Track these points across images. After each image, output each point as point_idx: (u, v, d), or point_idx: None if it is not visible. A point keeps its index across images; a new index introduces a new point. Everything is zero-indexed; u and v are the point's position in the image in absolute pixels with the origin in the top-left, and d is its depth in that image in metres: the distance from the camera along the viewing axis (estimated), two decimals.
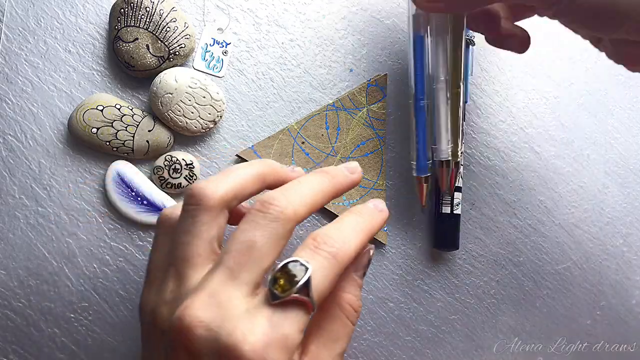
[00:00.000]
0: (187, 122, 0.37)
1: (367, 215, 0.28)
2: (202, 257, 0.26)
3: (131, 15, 0.37)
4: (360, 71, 0.41)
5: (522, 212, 0.42)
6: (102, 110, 0.36)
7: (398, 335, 0.39)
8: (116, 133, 0.36)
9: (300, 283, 0.23)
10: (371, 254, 0.29)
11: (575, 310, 0.42)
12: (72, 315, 0.36)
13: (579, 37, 0.40)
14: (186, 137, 0.38)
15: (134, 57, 0.37)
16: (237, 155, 0.38)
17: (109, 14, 0.37)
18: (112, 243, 0.37)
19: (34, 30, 0.37)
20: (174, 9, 0.37)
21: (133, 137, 0.37)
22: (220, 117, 0.38)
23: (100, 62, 0.38)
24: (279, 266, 0.24)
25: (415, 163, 0.38)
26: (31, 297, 0.36)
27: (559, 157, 0.43)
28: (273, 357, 0.22)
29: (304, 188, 0.27)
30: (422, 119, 0.37)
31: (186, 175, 0.37)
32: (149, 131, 0.37)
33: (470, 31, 0.39)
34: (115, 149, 0.37)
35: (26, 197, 0.37)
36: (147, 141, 0.37)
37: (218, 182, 0.27)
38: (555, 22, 0.44)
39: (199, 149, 0.39)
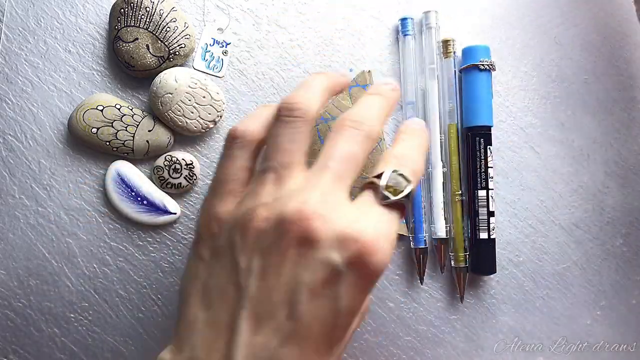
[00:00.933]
0: (187, 122, 0.37)
1: (388, 98, 0.31)
2: (302, 165, 0.27)
3: (131, 15, 0.37)
4: (360, 71, 0.40)
5: (522, 212, 0.42)
6: (102, 110, 0.36)
7: (398, 335, 0.39)
8: (116, 133, 0.37)
9: (407, 190, 0.27)
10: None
11: (575, 310, 0.42)
12: (72, 315, 0.36)
13: (578, 37, 0.40)
14: (186, 137, 0.38)
15: (134, 57, 0.37)
16: None
17: (109, 14, 0.37)
18: (112, 243, 0.37)
19: (34, 30, 0.37)
20: (174, 9, 0.37)
21: (133, 137, 0.37)
22: (220, 117, 0.38)
23: (100, 62, 0.38)
24: (387, 175, 0.27)
25: (412, 235, 0.40)
26: (31, 297, 0.36)
27: (559, 157, 0.43)
28: (386, 247, 0.25)
29: (374, 107, 0.30)
30: (419, 194, 0.40)
31: (186, 175, 0.37)
32: (149, 131, 0.37)
33: (490, 58, 0.40)
34: (115, 149, 0.37)
35: (26, 197, 0.37)
36: (147, 141, 0.37)
37: (312, 94, 0.29)
38: (556, 21, 0.44)
39: (199, 149, 0.39)
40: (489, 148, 0.40)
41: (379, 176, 0.27)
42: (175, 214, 0.37)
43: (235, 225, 0.26)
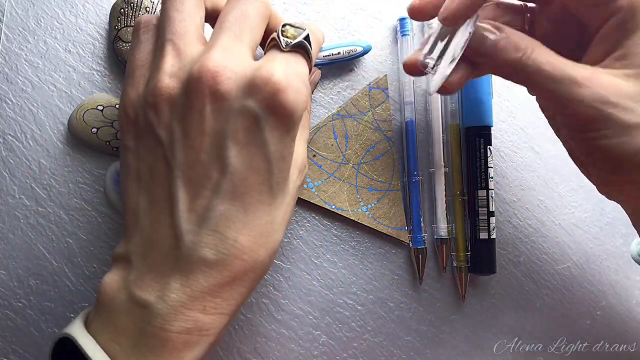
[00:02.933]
0: None
1: (318, 29, 0.32)
2: (196, 35, 0.27)
3: (131, 15, 0.37)
4: (360, 71, 0.41)
5: (522, 212, 0.42)
6: (102, 110, 0.36)
7: (398, 335, 0.39)
8: (116, 133, 0.37)
9: (304, 34, 0.28)
10: (319, 76, 0.37)
11: (575, 310, 0.42)
12: (72, 315, 0.36)
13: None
14: None
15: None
16: None
17: (109, 14, 0.37)
18: (112, 243, 0.37)
19: (34, 30, 0.37)
20: None
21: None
22: None
23: (100, 62, 0.38)
24: (282, 24, 0.28)
25: (410, 235, 0.40)
26: (31, 297, 0.36)
27: (559, 157, 0.43)
28: (298, 84, 0.25)
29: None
30: (417, 195, 0.40)
31: None
32: None
33: None
34: (115, 149, 0.37)
35: (26, 197, 0.37)
36: None
37: None
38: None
39: None
40: (489, 148, 0.40)
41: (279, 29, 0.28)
42: None
43: (147, 103, 0.26)
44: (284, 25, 0.28)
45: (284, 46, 0.27)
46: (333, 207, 0.39)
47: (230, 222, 0.25)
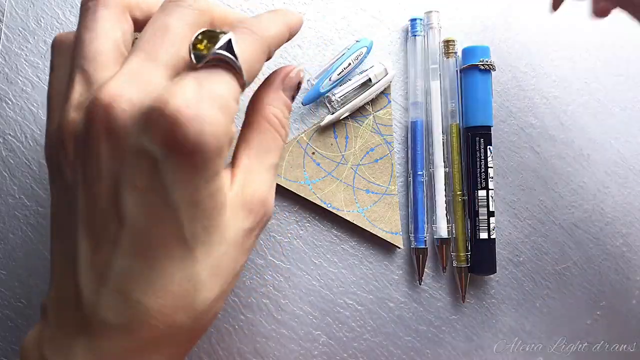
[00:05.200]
0: None
1: (282, 12, 0.27)
2: (110, 56, 0.23)
3: None
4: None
5: (522, 212, 0.42)
6: None
7: (398, 335, 0.39)
8: None
9: (223, 40, 0.22)
10: (301, 75, 0.28)
11: (575, 310, 0.42)
12: None
13: (578, 36, 0.40)
14: None
15: None
16: None
17: None
18: None
19: (34, 30, 0.37)
20: None
21: None
22: None
23: None
24: (196, 33, 0.22)
25: (413, 235, 0.40)
26: (31, 297, 0.36)
27: (559, 157, 0.43)
28: (208, 112, 0.20)
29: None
30: (421, 194, 0.40)
31: None
32: None
33: (490, 58, 0.40)
34: None
35: (26, 197, 0.37)
36: None
37: None
38: (555, 21, 0.44)
39: None
40: (489, 148, 0.40)
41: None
42: None
43: (56, 140, 0.23)
44: (198, 34, 0.22)
45: (194, 61, 0.22)
46: (329, 205, 0.39)
47: (133, 281, 0.21)
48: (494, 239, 0.40)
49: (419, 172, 0.40)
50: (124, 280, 0.21)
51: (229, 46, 0.22)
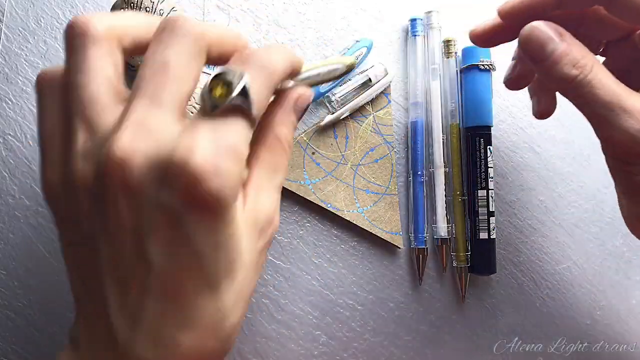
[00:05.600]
0: None
1: (287, 50, 0.26)
2: (108, 97, 0.23)
3: None
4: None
5: (522, 212, 0.42)
6: None
7: (398, 335, 0.39)
8: None
9: (239, 87, 0.21)
10: (310, 99, 0.28)
11: (575, 310, 0.42)
12: (72, 315, 0.36)
13: (578, 36, 0.40)
14: None
15: (134, 57, 0.37)
16: None
17: None
18: None
19: (34, 30, 0.37)
20: (174, 9, 0.37)
21: None
22: None
23: None
24: (212, 76, 0.22)
25: (413, 235, 0.40)
26: (31, 297, 0.36)
27: (559, 157, 0.43)
28: (225, 166, 0.20)
29: (218, 28, 0.25)
30: (421, 194, 0.40)
31: None
32: None
33: (490, 58, 0.41)
34: None
35: (26, 197, 0.37)
36: None
37: (104, 14, 0.24)
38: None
39: None
40: (489, 148, 0.40)
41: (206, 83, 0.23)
42: None
43: (67, 191, 0.23)
44: (213, 77, 0.22)
45: (209, 109, 0.21)
46: (329, 205, 0.39)
47: (166, 320, 0.22)
48: (494, 239, 0.40)
49: (419, 172, 0.40)
50: (157, 320, 0.22)
51: (244, 91, 0.22)
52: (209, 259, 0.22)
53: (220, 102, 0.21)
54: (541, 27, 0.28)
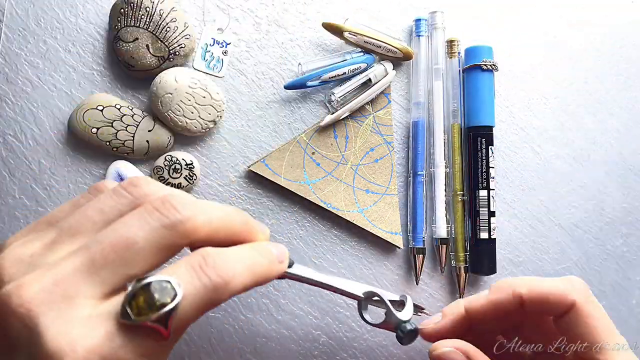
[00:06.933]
0: (187, 122, 0.37)
1: (267, 261, 0.25)
2: (87, 237, 0.22)
3: (131, 15, 0.37)
4: None
5: (522, 212, 0.42)
6: (102, 110, 0.36)
7: None
8: (116, 133, 0.36)
9: (162, 312, 0.20)
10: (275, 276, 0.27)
11: None
12: None
13: (578, 36, 0.40)
14: (186, 137, 0.38)
15: (134, 57, 0.37)
16: (248, 169, 0.38)
17: (109, 14, 0.37)
18: None
19: (34, 30, 0.37)
20: (174, 9, 0.37)
21: (133, 137, 0.37)
22: (220, 117, 0.38)
23: (100, 62, 0.38)
24: (144, 282, 0.20)
25: (411, 234, 0.40)
26: None
27: (559, 157, 0.43)
28: None
29: (218, 211, 0.23)
30: (421, 194, 0.40)
31: (186, 176, 0.37)
32: (149, 131, 0.37)
33: (493, 58, 0.41)
34: (115, 149, 0.37)
35: (26, 197, 0.37)
36: (147, 141, 0.37)
37: (160, 189, 0.23)
38: (555, 21, 0.44)
39: (199, 149, 0.39)
40: (491, 148, 0.40)
41: (140, 279, 0.20)
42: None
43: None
44: (143, 285, 0.20)
45: (120, 317, 0.20)
46: (329, 205, 0.39)
47: None
48: (494, 239, 0.40)
49: (419, 172, 0.40)
50: None
51: (166, 315, 0.20)
52: None
53: (135, 319, 0.20)
54: (452, 355, 0.30)
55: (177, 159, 0.37)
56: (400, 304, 0.33)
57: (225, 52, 0.39)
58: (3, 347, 0.20)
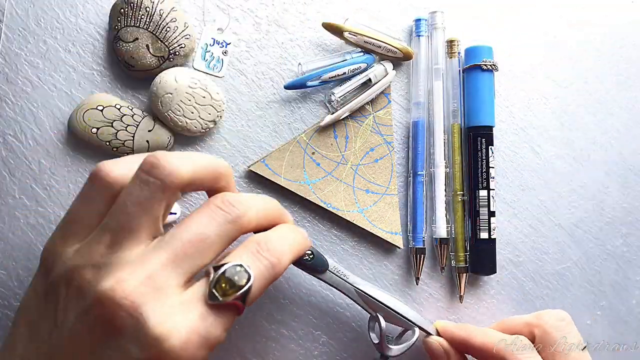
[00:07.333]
0: (187, 122, 0.37)
1: (302, 238, 0.31)
2: (146, 233, 0.25)
3: (131, 15, 0.37)
4: None
5: (522, 212, 0.42)
6: (102, 110, 0.36)
7: None
8: (116, 133, 0.36)
9: (243, 290, 0.25)
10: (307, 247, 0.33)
11: (575, 310, 0.42)
12: None
13: (578, 36, 0.40)
14: (186, 137, 0.38)
15: (134, 57, 0.37)
16: (248, 169, 0.38)
17: (109, 14, 0.37)
18: None
19: (34, 30, 0.37)
20: (174, 9, 0.37)
21: (133, 137, 0.37)
22: (220, 117, 0.38)
23: (100, 62, 0.38)
24: (223, 269, 0.25)
25: (411, 234, 0.40)
26: None
27: (559, 157, 0.43)
28: (197, 355, 0.23)
29: (260, 202, 0.28)
30: (421, 194, 0.40)
31: None
32: (149, 131, 0.37)
33: (493, 58, 0.41)
34: (115, 149, 0.37)
35: (26, 197, 0.37)
36: (147, 141, 0.37)
37: (185, 163, 0.26)
38: (555, 21, 0.44)
39: (199, 149, 0.39)
40: (491, 148, 0.40)
41: (218, 267, 0.25)
42: (175, 214, 0.37)
43: (64, 274, 0.25)
44: (222, 271, 0.25)
45: (209, 300, 0.24)
46: (329, 205, 0.39)
47: None
48: (494, 239, 0.40)
49: (419, 172, 0.40)
50: None
51: (245, 293, 0.25)
52: None
53: (222, 298, 0.24)
54: (434, 346, 0.36)
55: None
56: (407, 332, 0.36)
57: (225, 52, 0.39)
58: (108, 332, 0.23)
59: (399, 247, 0.39)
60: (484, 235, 0.39)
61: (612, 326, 0.43)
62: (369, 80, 0.39)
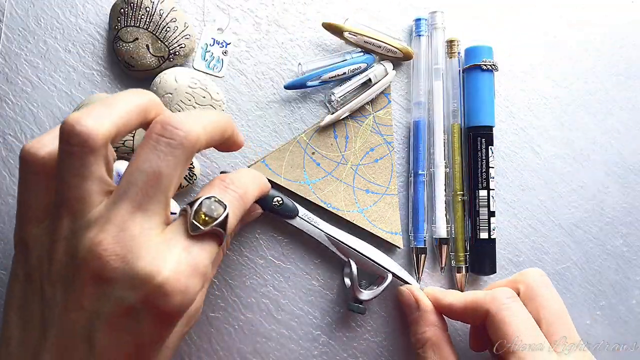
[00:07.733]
0: None
1: (261, 177, 0.33)
2: (97, 193, 0.25)
3: (131, 15, 0.37)
4: None
5: (522, 212, 0.42)
6: None
7: (398, 335, 0.39)
8: None
9: (221, 218, 0.26)
10: (259, 213, 0.36)
11: (575, 310, 0.42)
12: None
13: (578, 36, 0.40)
14: None
15: (134, 57, 0.37)
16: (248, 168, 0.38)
17: (109, 14, 0.37)
18: None
19: (34, 30, 0.37)
20: (174, 9, 0.37)
21: (133, 137, 0.37)
22: None
23: (100, 62, 0.38)
24: (198, 202, 0.25)
25: (413, 234, 0.40)
26: None
27: (559, 157, 0.43)
28: (189, 283, 0.24)
29: (204, 115, 0.28)
30: (421, 194, 0.40)
31: (186, 175, 0.37)
32: None
33: (493, 58, 0.41)
34: (115, 149, 0.37)
35: None
36: None
37: (101, 118, 0.25)
38: (555, 21, 0.44)
39: None
40: (491, 148, 0.40)
41: (192, 203, 0.26)
42: (175, 213, 0.37)
43: (42, 253, 0.26)
44: (199, 204, 0.25)
45: (190, 231, 0.25)
46: (329, 205, 0.39)
47: None
48: (494, 239, 0.40)
49: (420, 172, 0.40)
50: None
51: (224, 221, 0.26)
52: (148, 349, 0.25)
53: (203, 227, 0.25)
54: (405, 294, 0.37)
55: None
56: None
57: (225, 52, 0.39)
58: (99, 289, 0.23)
59: (399, 247, 0.39)
60: (484, 235, 0.39)
61: (612, 326, 0.43)
62: (369, 80, 0.39)
